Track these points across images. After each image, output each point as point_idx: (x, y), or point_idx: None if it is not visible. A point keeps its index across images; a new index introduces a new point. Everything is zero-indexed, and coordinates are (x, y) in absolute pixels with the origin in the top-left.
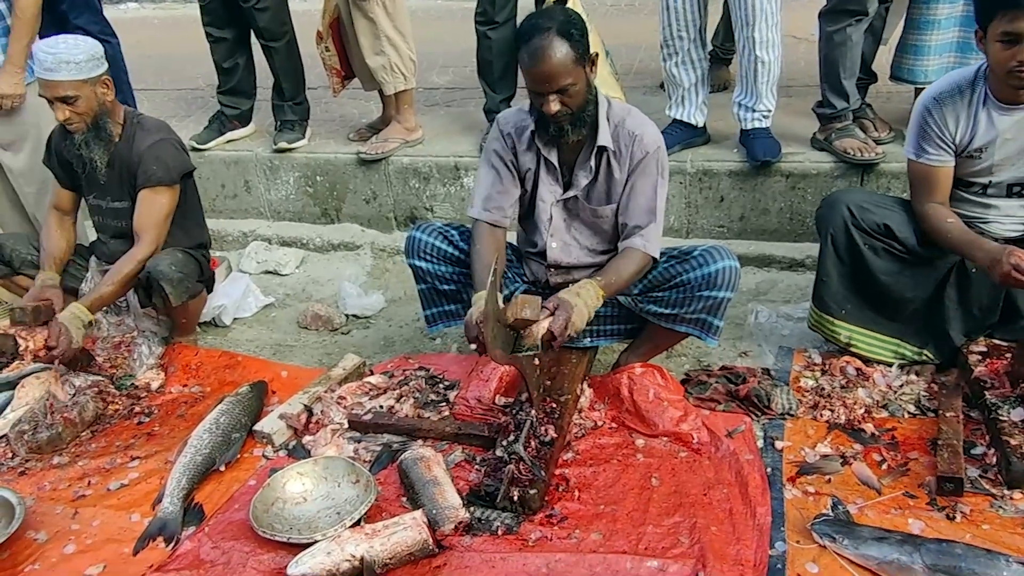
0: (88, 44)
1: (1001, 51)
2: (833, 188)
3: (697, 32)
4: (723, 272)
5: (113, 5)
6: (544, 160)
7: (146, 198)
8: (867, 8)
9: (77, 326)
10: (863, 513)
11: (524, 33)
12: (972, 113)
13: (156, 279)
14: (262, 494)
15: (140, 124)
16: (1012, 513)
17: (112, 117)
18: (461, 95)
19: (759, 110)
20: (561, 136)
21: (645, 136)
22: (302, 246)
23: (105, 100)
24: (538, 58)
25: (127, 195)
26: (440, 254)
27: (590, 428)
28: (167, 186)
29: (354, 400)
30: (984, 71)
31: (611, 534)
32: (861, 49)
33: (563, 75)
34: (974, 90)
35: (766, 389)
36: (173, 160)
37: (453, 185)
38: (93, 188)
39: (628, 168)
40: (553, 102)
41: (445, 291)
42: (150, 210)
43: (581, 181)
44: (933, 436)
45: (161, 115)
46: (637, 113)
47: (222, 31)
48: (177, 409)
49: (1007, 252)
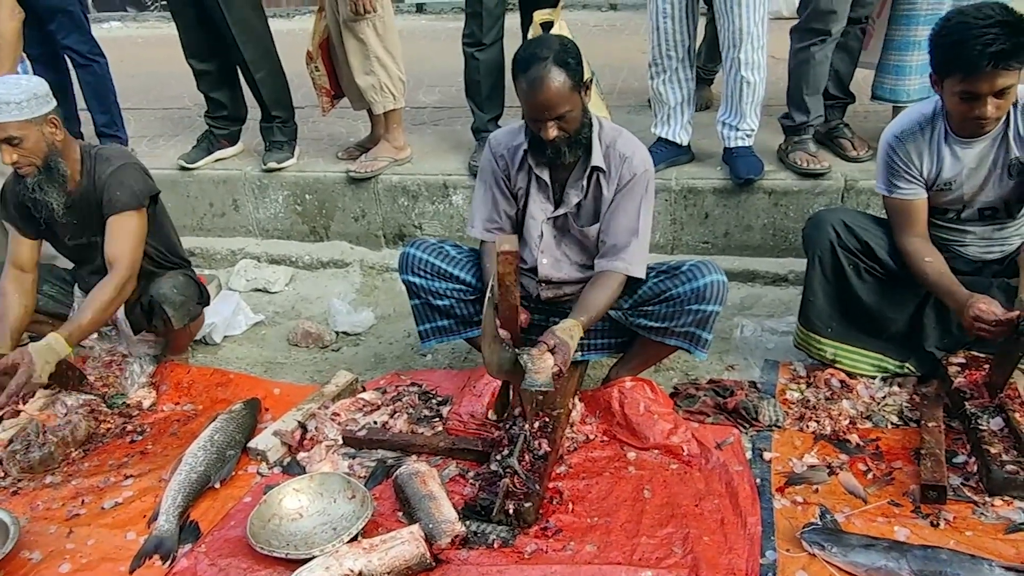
0: (30, 83)
1: (958, 104)
2: (814, 205)
3: (686, 52)
4: (711, 286)
5: (96, 24)
6: (536, 178)
7: (115, 225)
8: (830, 29)
9: (47, 359)
10: (850, 521)
11: (522, 62)
12: (935, 149)
13: (159, 302)
14: (259, 510)
15: (99, 156)
16: (993, 519)
17: (66, 156)
18: (448, 114)
19: (743, 129)
20: (558, 158)
21: (635, 158)
22: (291, 264)
23: (54, 140)
24: (537, 88)
25: (98, 228)
26: (434, 270)
27: (582, 442)
28: (134, 210)
29: (348, 416)
30: (941, 108)
31: (605, 546)
32: (828, 68)
33: (561, 103)
34: (934, 127)
35: (753, 402)
36: (137, 183)
37: (442, 203)
38: (67, 230)
39: (615, 188)
40: (551, 128)
41: (439, 306)
42: (120, 236)
43: (572, 199)
44: (916, 446)
45: (148, 135)
46: (627, 135)
47: (204, 64)
48: (170, 427)
49: (969, 303)
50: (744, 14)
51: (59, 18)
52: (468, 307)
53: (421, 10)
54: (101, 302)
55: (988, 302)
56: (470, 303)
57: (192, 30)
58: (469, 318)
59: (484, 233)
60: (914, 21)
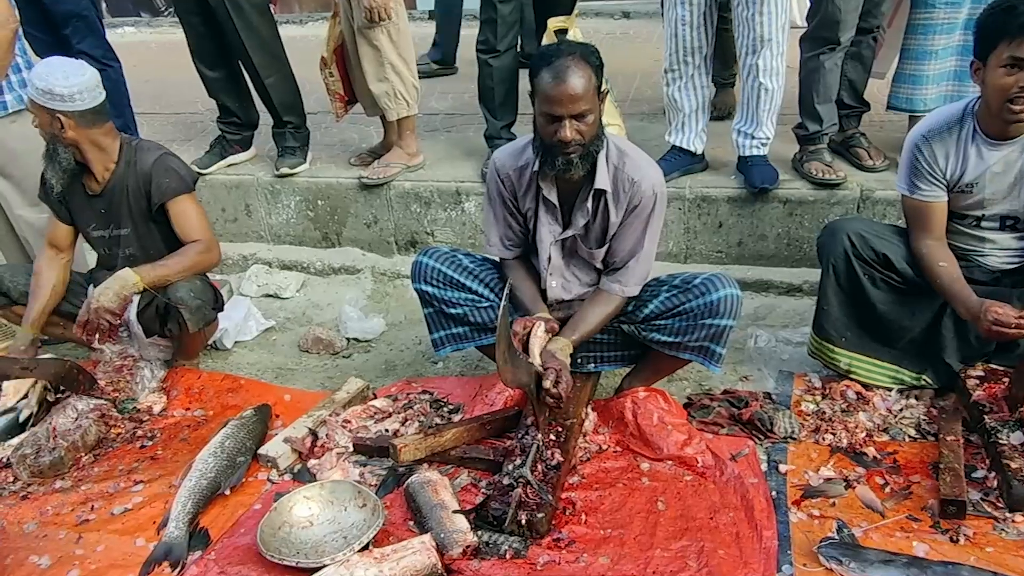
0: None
1: (1004, 76)
2: (830, 215)
3: (703, 59)
4: (725, 300)
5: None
6: (544, 199)
7: (176, 210)
8: (839, 38)
9: (117, 290)
10: (868, 536)
11: (546, 55)
12: (961, 149)
13: (175, 305)
14: (269, 518)
15: (140, 146)
16: (1015, 536)
17: (96, 147)
18: (461, 121)
19: (758, 137)
20: (568, 170)
21: (643, 182)
22: (303, 270)
23: (54, 131)
24: (562, 78)
25: (133, 220)
26: (447, 280)
27: (595, 452)
28: (187, 193)
29: (359, 424)
30: (972, 107)
31: (619, 558)
32: (838, 77)
33: (584, 99)
34: (962, 126)
35: (768, 413)
36: (181, 169)
37: (454, 210)
38: (92, 219)
39: (624, 211)
40: (570, 129)
41: (453, 315)
42: (187, 219)
43: (579, 221)
44: (934, 460)
45: (161, 139)
46: (635, 154)
47: (213, 70)
48: (180, 433)
49: (984, 309)
50: (766, 21)
51: (74, 23)
52: (483, 314)
53: (433, 17)
54: (185, 257)
55: (1003, 304)
56: (484, 310)
57: (200, 35)
58: (484, 325)
59: (504, 251)
60: (931, 30)
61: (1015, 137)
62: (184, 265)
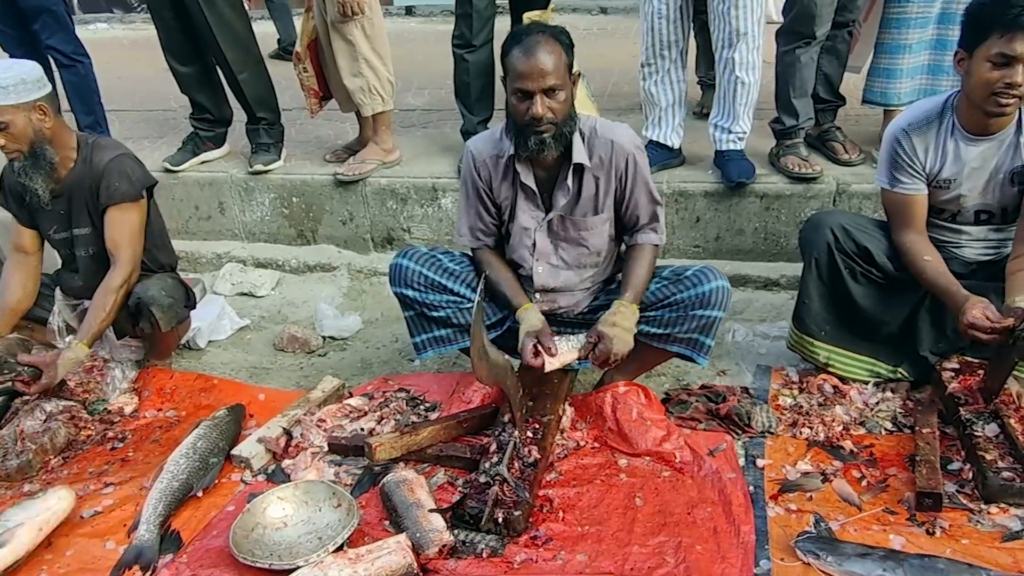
0: (21, 68)
1: (990, 71)
2: (806, 209)
3: (679, 53)
4: (716, 291)
5: (82, 25)
6: (522, 186)
7: (114, 217)
8: (815, 32)
9: (70, 367)
10: (845, 530)
11: (517, 34)
12: (940, 143)
13: (147, 304)
14: (242, 519)
15: (96, 144)
16: (990, 527)
17: (57, 144)
18: (438, 116)
19: (735, 131)
20: (541, 150)
21: (622, 139)
22: (278, 267)
23: (42, 127)
24: (532, 53)
25: (89, 219)
26: (428, 282)
27: (572, 448)
28: (133, 201)
29: (334, 423)
30: (952, 102)
31: (596, 555)
32: (814, 71)
33: (554, 74)
34: (942, 121)
35: (746, 408)
36: (135, 173)
37: (431, 206)
38: (53, 221)
39: (616, 175)
40: (541, 104)
41: (435, 317)
42: (121, 228)
43: (560, 201)
44: (910, 452)
45: (133, 136)
46: (603, 120)
47: (185, 65)
48: (152, 434)
49: (965, 308)
50: (741, 15)
51: (43, 18)
52: (467, 315)
53: (410, 12)
54: (112, 303)
55: (984, 307)
56: (468, 311)
57: (172, 30)
58: (468, 326)
59: (474, 241)
60: (905, 25)
61: (994, 133)
62: (110, 310)
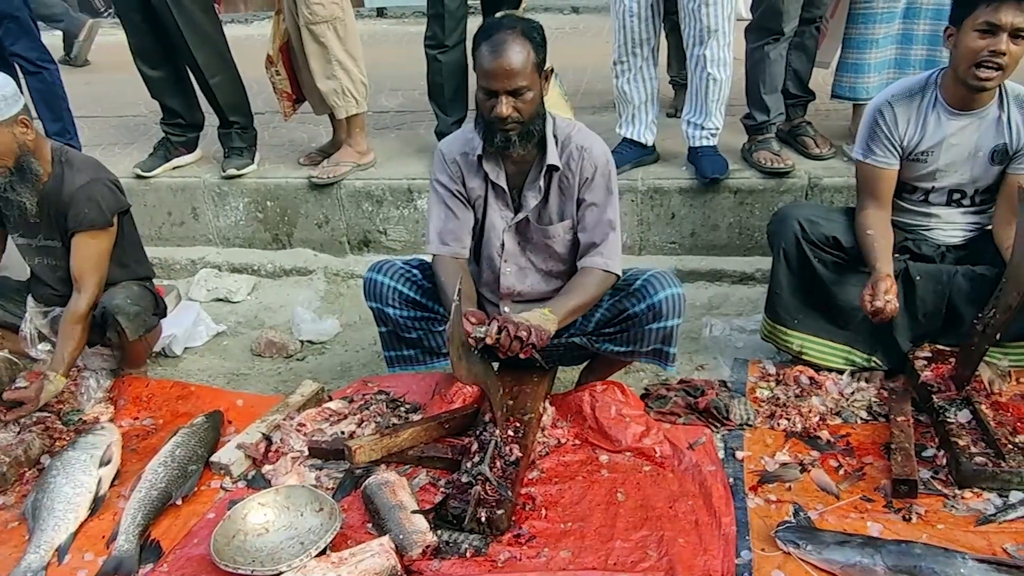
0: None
1: (977, 39)
2: (779, 203)
3: (651, 51)
4: (667, 301)
5: (48, 31)
6: (492, 184)
7: (81, 243)
8: (783, 28)
9: (49, 399)
10: (824, 518)
11: (487, 29)
12: (922, 115)
13: (112, 313)
14: (223, 527)
15: (68, 162)
16: (964, 512)
17: (38, 155)
18: (412, 118)
19: (708, 128)
20: (507, 148)
21: (594, 148)
22: (253, 272)
23: (25, 140)
24: (499, 52)
25: (59, 235)
26: (403, 298)
27: (554, 446)
28: (101, 228)
29: (314, 427)
30: (936, 78)
31: (580, 551)
32: (783, 67)
33: (521, 75)
34: (924, 94)
35: (724, 401)
36: (106, 201)
37: (406, 208)
38: (19, 227)
39: (579, 183)
40: (506, 104)
41: (406, 339)
42: (87, 255)
43: (530, 203)
44: (886, 440)
45: (103, 143)
46: (582, 128)
47: (155, 70)
48: (129, 443)
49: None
50: (712, 12)
51: (6, 24)
52: (437, 338)
53: (382, 14)
54: (79, 331)
55: (875, 287)
56: (439, 335)
57: (142, 34)
58: (437, 349)
59: (440, 247)
60: (871, 20)
61: (975, 109)
62: (79, 338)
